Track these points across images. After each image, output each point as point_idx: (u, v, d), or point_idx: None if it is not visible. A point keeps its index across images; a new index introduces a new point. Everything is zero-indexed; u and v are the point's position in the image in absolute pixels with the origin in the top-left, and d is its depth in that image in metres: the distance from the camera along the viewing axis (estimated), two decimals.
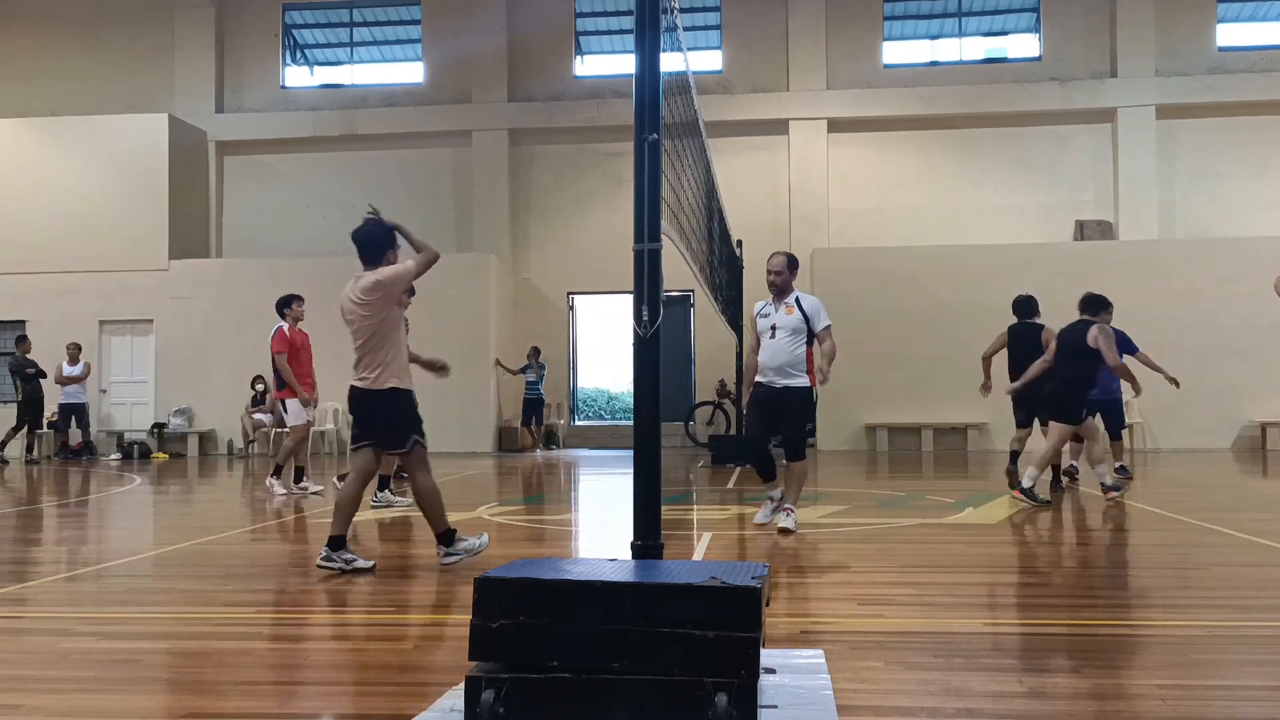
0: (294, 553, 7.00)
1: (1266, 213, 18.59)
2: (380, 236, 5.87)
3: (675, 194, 7.11)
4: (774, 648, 3.66)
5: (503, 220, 19.78)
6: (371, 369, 5.76)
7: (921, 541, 6.97)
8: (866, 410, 17.58)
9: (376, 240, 5.87)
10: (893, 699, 3.33)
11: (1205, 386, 16.90)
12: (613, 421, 21.41)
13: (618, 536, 6.83)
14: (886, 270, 17.80)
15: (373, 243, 5.86)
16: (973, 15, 20.07)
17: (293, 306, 10.66)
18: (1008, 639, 4.14)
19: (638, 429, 3.89)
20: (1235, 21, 19.44)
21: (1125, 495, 9.26)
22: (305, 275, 18.63)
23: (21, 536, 8.08)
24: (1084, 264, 17.54)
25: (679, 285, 16.13)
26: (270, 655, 4.07)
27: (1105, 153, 19.14)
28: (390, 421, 5.81)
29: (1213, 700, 3.33)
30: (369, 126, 20.29)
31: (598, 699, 2.73)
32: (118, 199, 18.85)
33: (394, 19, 21.09)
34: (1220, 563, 6.07)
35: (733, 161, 18.57)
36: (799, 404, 7.05)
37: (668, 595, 2.76)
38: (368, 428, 5.87)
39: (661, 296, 3.93)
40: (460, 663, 3.34)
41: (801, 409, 7.10)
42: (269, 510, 9.44)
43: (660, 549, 3.86)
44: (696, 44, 19.82)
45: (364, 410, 5.86)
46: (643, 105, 3.96)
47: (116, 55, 20.82)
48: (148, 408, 18.72)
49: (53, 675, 3.75)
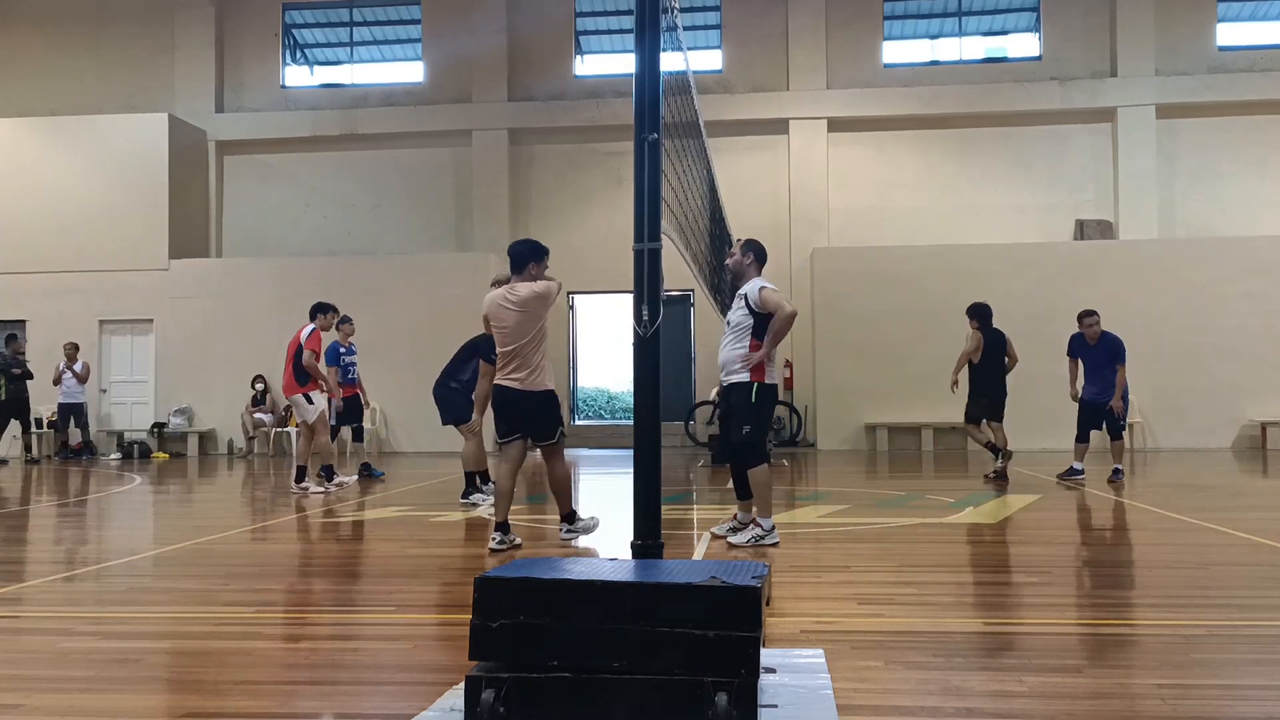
0: (294, 553, 7.00)
1: (1266, 212, 18.59)
2: (529, 251, 6.60)
3: (675, 194, 7.11)
4: (774, 648, 3.66)
5: (503, 220, 19.77)
6: (527, 371, 6.44)
7: (921, 541, 6.96)
8: (866, 410, 17.58)
9: (524, 255, 6.58)
10: (893, 699, 3.33)
11: (1205, 386, 16.91)
12: (613, 421, 21.41)
13: (618, 536, 6.84)
14: (886, 270, 17.80)
15: (522, 256, 6.57)
16: (973, 15, 20.07)
17: (326, 315, 11.28)
18: (1008, 639, 4.14)
19: (638, 429, 3.89)
20: (1235, 21, 19.44)
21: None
22: (305, 275, 18.66)
23: (21, 536, 8.08)
24: (1084, 264, 17.56)
25: (679, 285, 16.13)
26: (270, 655, 4.07)
27: (1105, 152, 19.14)
28: (546, 419, 6.55)
29: (1213, 700, 3.33)
30: (369, 126, 20.28)
31: (598, 699, 2.73)
32: (118, 199, 18.85)
33: (394, 19, 21.08)
34: (1220, 562, 6.07)
35: (733, 161, 18.57)
36: (735, 402, 6.56)
37: (668, 595, 2.76)
38: (520, 424, 6.55)
39: (661, 296, 3.93)
40: (460, 663, 3.34)
41: (738, 408, 6.54)
42: (284, 508, 9.44)
43: (660, 549, 3.86)
44: (696, 44, 19.82)
45: (519, 408, 6.50)
46: (643, 105, 3.96)
47: (116, 55, 20.82)
48: (148, 407, 18.72)
49: (53, 675, 3.75)
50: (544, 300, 6.47)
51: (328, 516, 8.81)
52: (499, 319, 6.48)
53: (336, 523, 8.39)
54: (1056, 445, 15.51)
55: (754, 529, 6.56)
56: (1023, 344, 16.87)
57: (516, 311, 6.40)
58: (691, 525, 7.91)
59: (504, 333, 6.46)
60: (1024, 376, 16.60)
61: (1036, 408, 16.29)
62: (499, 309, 6.48)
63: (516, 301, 6.42)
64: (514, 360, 6.44)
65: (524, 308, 6.40)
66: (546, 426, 6.57)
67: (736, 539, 6.59)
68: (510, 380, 6.46)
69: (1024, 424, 17.07)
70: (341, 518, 8.71)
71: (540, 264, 6.57)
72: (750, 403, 6.49)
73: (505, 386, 6.48)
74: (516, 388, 6.44)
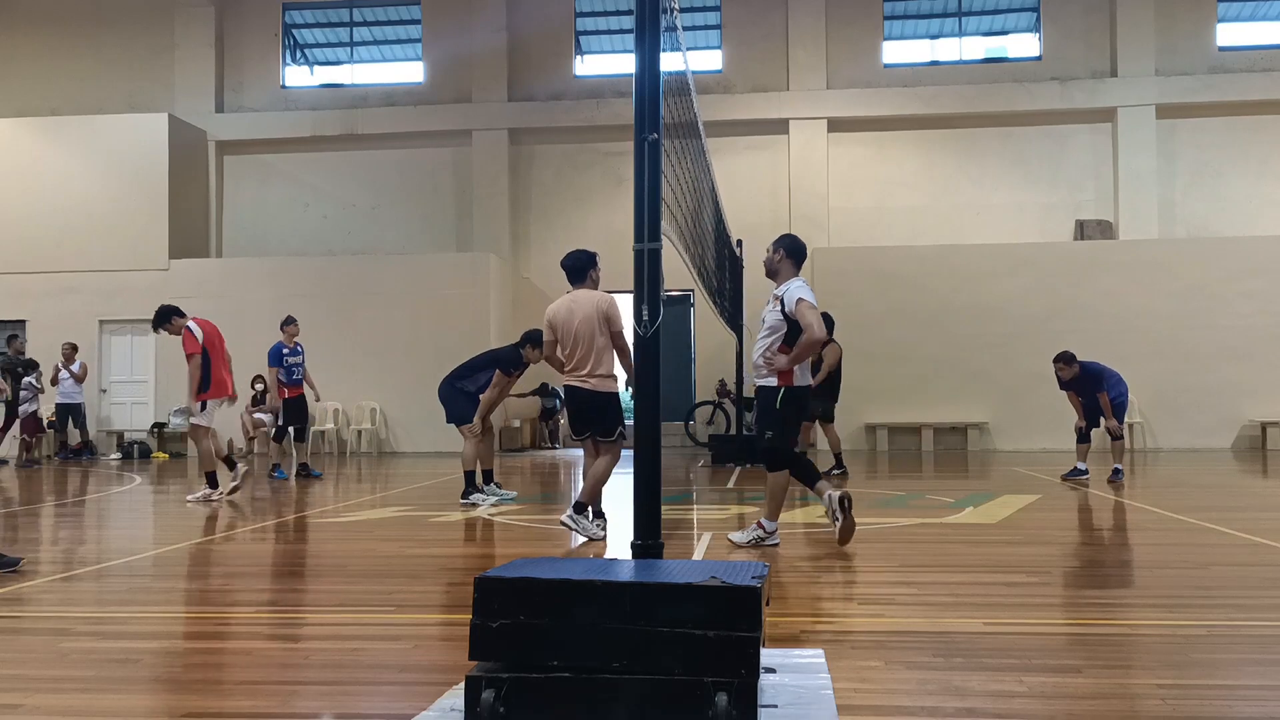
0: (294, 553, 7.00)
1: (1266, 212, 18.60)
2: (586, 260, 7.11)
3: (674, 196, 7.11)
4: (774, 648, 3.66)
5: (503, 220, 19.78)
6: (600, 374, 6.84)
7: (921, 541, 6.96)
8: (866, 410, 17.58)
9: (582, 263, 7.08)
10: (893, 699, 3.33)
11: (1205, 386, 16.92)
12: None
13: (618, 536, 6.83)
14: (886, 270, 17.80)
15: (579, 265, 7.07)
16: (973, 15, 20.08)
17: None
18: (1008, 639, 4.14)
19: (638, 429, 3.89)
20: (1235, 21, 19.45)
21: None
22: (305, 275, 18.67)
23: (21, 536, 8.08)
24: (1084, 263, 17.57)
25: (679, 285, 16.14)
26: (270, 655, 4.07)
27: (1105, 152, 19.15)
28: (615, 418, 6.92)
29: (1213, 700, 3.33)
30: (369, 126, 20.29)
31: (598, 699, 2.73)
32: (118, 199, 18.85)
33: (394, 19, 21.10)
34: (1220, 562, 6.07)
35: (733, 161, 18.58)
36: (761, 406, 6.49)
37: (668, 595, 2.76)
38: (593, 422, 6.94)
39: (661, 296, 3.93)
40: (460, 663, 3.34)
41: (763, 412, 6.46)
42: (285, 507, 9.45)
43: (660, 549, 3.86)
44: (696, 44, 19.82)
45: (593, 407, 6.90)
46: (643, 105, 3.96)
47: (116, 55, 20.82)
48: (147, 407, 18.72)
49: (53, 675, 3.75)
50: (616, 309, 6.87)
51: (327, 516, 8.81)
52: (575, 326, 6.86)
53: (336, 523, 8.39)
54: (1056, 445, 15.52)
55: (756, 529, 6.50)
56: (1023, 344, 16.97)
57: (599, 319, 6.82)
58: (691, 525, 7.91)
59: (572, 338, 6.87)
60: (1024, 377, 16.69)
61: (1036, 408, 16.30)
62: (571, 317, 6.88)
63: (605, 310, 6.84)
64: (587, 362, 6.85)
65: (609, 315, 6.83)
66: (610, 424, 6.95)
67: (737, 537, 6.55)
68: (580, 381, 6.88)
69: (1024, 424, 17.13)
70: (341, 518, 8.71)
71: (597, 269, 7.13)
72: (774, 408, 6.37)
73: (576, 387, 6.92)
74: (588, 389, 6.86)
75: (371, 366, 18.31)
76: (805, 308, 6.16)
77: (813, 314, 6.16)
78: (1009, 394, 17.16)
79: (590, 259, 7.14)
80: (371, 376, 18.35)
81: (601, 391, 6.85)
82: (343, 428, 18.36)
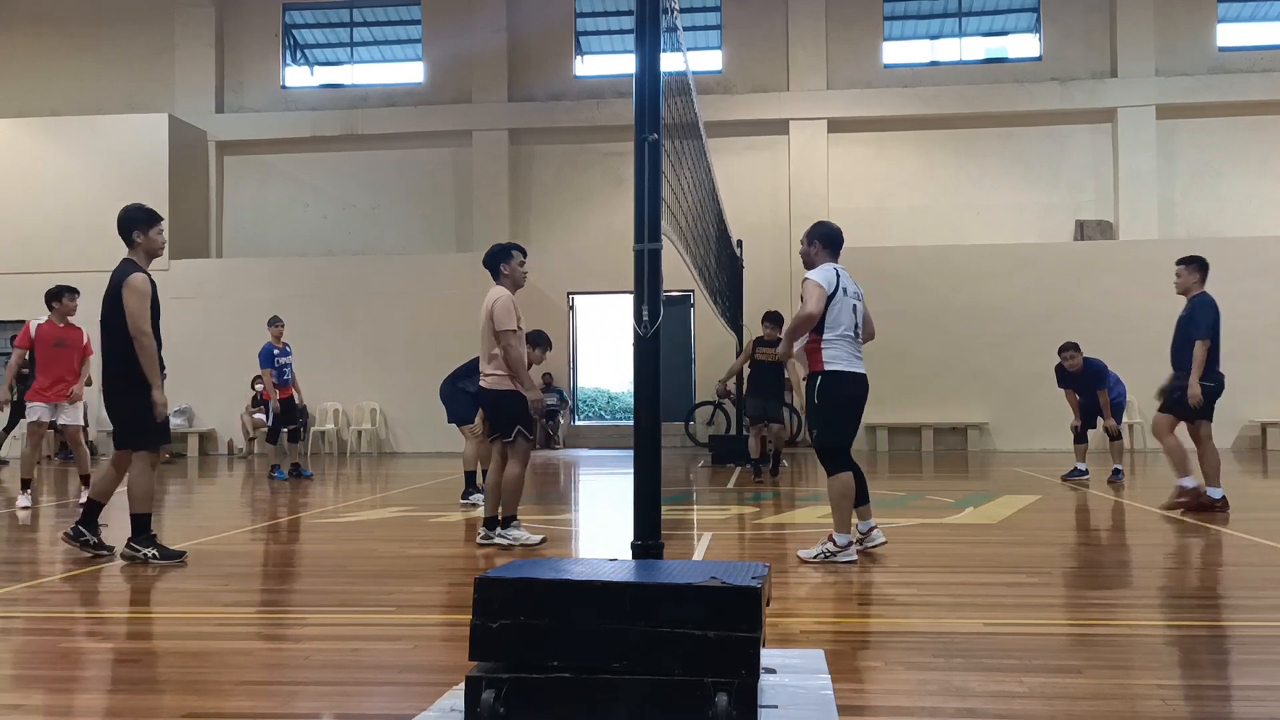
0: (294, 553, 7.00)
1: (1266, 212, 18.59)
2: (496, 254, 6.95)
3: (675, 197, 7.10)
4: (774, 648, 3.66)
5: (503, 220, 19.77)
6: (489, 371, 6.74)
7: (922, 542, 6.96)
8: (867, 410, 17.49)
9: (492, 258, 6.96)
10: (893, 699, 3.33)
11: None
12: (613, 421, 21.41)
13: (618, 536, 6.84)
14: (886, 270, 17.78)
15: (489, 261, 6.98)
16: (973, 15, 20.07)
17: (62, 301, 10.41)
18: (1008, 639, 4.14)
19: (638, 429, 3.89)
20: (1235, 21, 19.44)
21: None
22: (305, 275, 18.67)
23: (21, 536, 8.08)
24: (1084, 264, 17.57)
25: (679, 285, 16.13)
26: (270, 655, 4.07)
27: (1105, 152, 19.15)
28: (504, 417, 6.74)
29: (1213, 700, 3.33)
30: (369, 126, 20.29)
31: (598, 699, 2.73)
32: (118, 199, 18.48)
33: (394, 19, 21.09)
34: (1220, 563, 6.07)
35: (733, 161, 18.57)
36: (808, 402, 6.18)
37: (668, 595, 2.76)
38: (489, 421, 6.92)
39: (661, 296, 3.93)
40: (460, 663, 3.34)
41: (809, 409, 6.19)
42: (283, 508, 9.45)
43: (660, 549, 3.86)
44: (696, 44, 19.82)
45: (485, 405, 6.98)
46: (643, 105, 3.96)
47: (116, 55, 20.82)
48: None
49: (53, 675, 3.75)
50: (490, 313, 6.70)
51: (322, 517, 8.81)
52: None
53: (336, 523, 8.39)
54: (1056, 445, 15.51)
55: (826, 544, 5.99)
56: (1023, 343, 16.97)
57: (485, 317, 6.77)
58: (691, 525, 7.91)
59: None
60: (1024, 377, 16.69)
61: (1036, 408, 16.29)
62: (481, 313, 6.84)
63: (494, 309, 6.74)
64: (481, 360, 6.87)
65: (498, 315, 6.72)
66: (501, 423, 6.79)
67: (805, 554, 6.04)
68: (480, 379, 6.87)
69: (1024, 424, 17.13)
70: (342, 518, 8.71)
71: (509, 264, 6.86)
72: (813, 402, 6.03)
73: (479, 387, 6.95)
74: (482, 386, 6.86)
75: (371, 366, 18.32)
76: (809, 285, 6.14)
77: (807, 286, 6.12)
78: (1009, 394, 17.16)
79: (499, 253, 6.92)
80: (371, 376, 18.35)
81: (490, 389, 6.75)
82: (343, 428, 18.37)
